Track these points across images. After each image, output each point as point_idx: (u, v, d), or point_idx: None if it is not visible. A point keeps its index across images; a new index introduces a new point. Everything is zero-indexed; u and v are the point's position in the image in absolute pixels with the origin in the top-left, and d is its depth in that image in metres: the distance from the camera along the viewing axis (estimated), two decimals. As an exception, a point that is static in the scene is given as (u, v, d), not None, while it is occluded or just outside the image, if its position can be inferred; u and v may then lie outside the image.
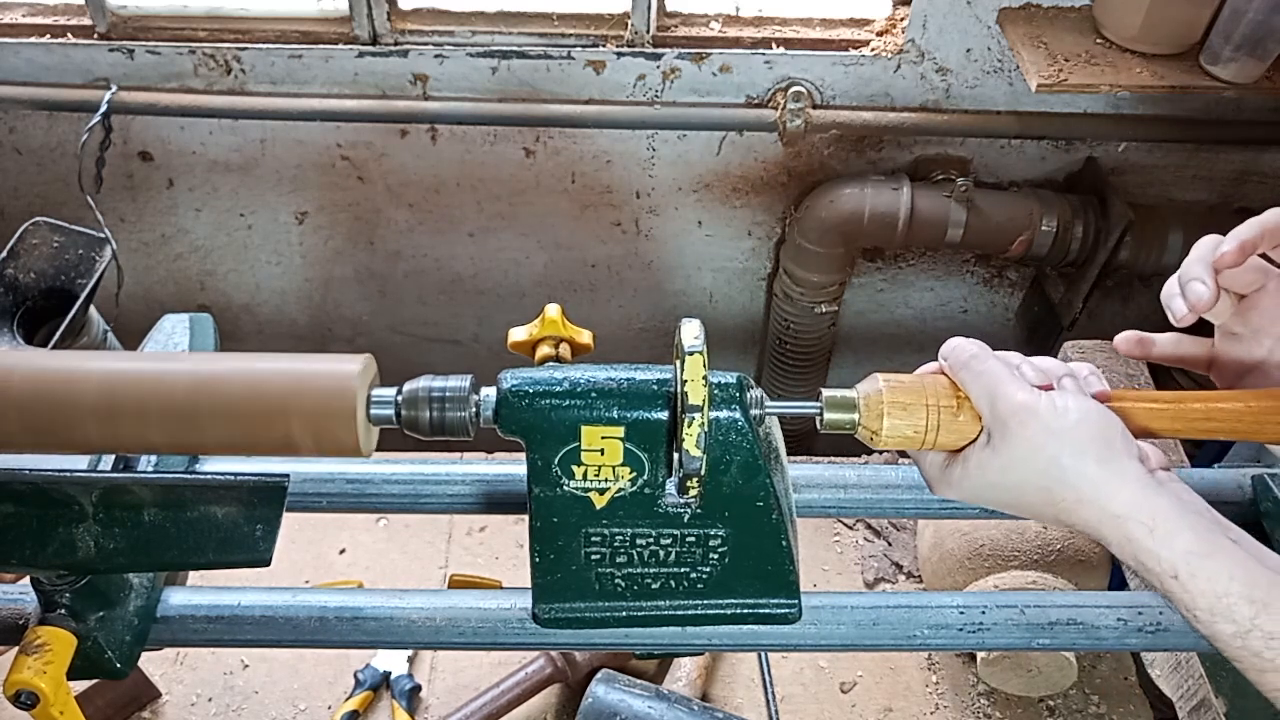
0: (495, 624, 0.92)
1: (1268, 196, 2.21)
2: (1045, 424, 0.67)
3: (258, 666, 1.62)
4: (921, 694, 1.62)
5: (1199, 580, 0.63)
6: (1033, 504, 0.70)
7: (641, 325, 2.53)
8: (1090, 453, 0.67)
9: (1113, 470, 0.67)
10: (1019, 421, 0.68)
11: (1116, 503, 0.66)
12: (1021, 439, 0.68)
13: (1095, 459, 0.67)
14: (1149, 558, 0.65)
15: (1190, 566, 0.63)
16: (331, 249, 2.38)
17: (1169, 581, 0.64)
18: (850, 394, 0.76)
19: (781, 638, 0.91)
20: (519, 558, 1.79)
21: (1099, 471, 0.67)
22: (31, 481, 0.77)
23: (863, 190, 2.08)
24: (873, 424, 0.74)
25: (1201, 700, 1.28)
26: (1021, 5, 1.91)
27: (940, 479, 0.75)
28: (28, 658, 0.81)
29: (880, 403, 0.74)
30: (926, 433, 0.74)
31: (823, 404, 0.76)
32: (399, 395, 0.73)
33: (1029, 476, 0.68)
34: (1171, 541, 0.64)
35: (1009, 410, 0.69)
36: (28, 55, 2.01)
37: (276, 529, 0.78)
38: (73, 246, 1.11)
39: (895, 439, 0.74)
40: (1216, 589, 0.62)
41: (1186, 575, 0.63)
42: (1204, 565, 0.63)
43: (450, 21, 2.01)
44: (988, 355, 0.72)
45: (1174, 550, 0.64)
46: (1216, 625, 0.62)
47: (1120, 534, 0.66)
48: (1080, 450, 0.67)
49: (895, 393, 0.74)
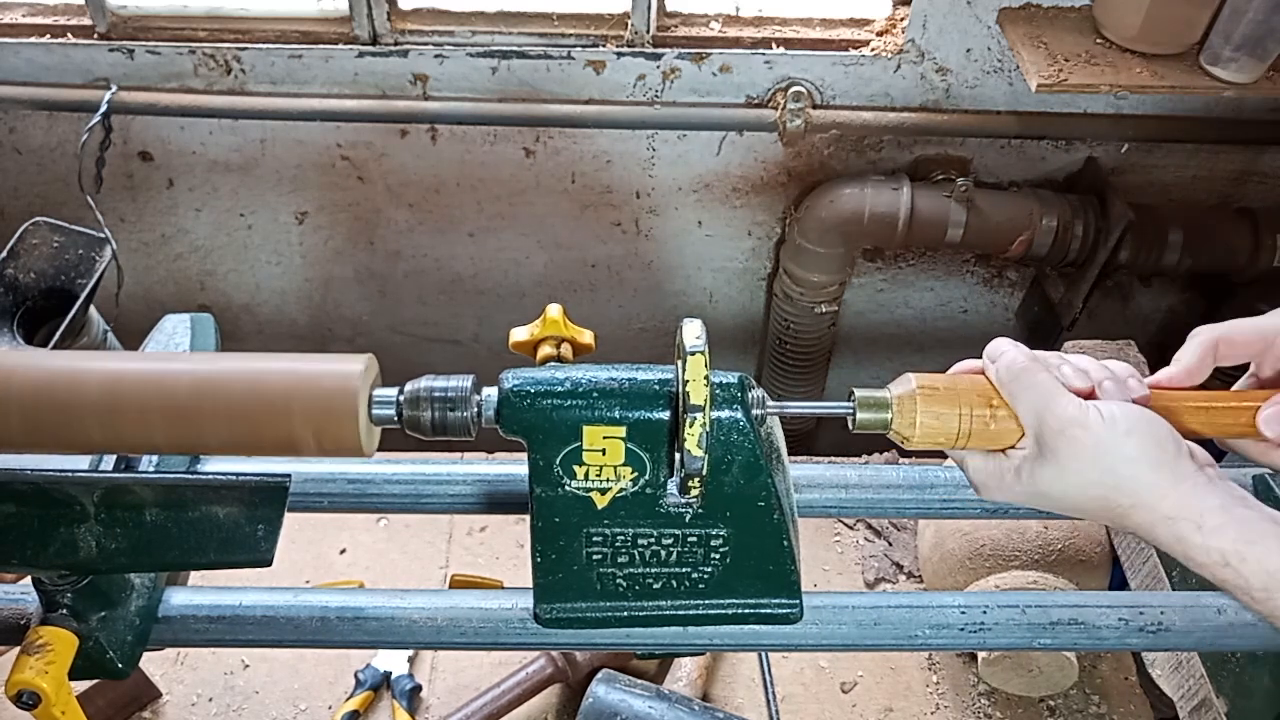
0: (496, 624, 0.92)
1: (1268, 196, 2.21)
2: (1098, 437, 0.69)
3: (258, 666, 1.62)
4: (922, 694, 1.62)
5: (1249, 564, 0.66)
6: (1087, 509, 0.72)
7: (642, 325, 2.53)
8: (1143, 460, 0.69)
9: (1165, 473, 0.69)
10: (1071, 436, 0.70)
11: (1168, 504, 0.68)
12: (1075, 452, 0.70)
13: (1149, 465, 0.69)
14: (1199, 552, 0.67)
15: (1239, 552, 0.66)
16: (331, 249, 2.38)
17: (1221, 570, 0.67)
18: (883, 394, 0.76)
19: (782, 638, 0.91)
20: (520, 558, 1.79)
21: (1152, 476, 0.69)
22: (33, 481, 0.77)
23: (863, 190, 2.08)
24: (905, 426, 0.74)
25: (1202, 700, 1.28)
26: (1021, 5, 1.91)
27: (992, 486, 0.76)
28: (29, 658, 0.82)
29: (914, 404, 0.74)
30: (959, 436, 0.74)
31: (855, 404, 0.75)
32: (400, 395, 0.73)
33: (1084, 486, 0.70)
34: (1220, 534, 0.67)
35: (1060, 424, 0.70)
36: (28, 55, 2.01)
37: (278, 529, 0.78)
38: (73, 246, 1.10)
39: (927, 441, 0.74)
40: (1268, 567, 0.65)
41: (1237, 561, 0.66)
42: (1252, 550, 0.66)
43: (450, 21, 2.01)
44: (1037, 368, 0.73)
45: (1223, 540, 0.66)
46: (1273, 601, 0.65)
47: (1172, 534, 0.68)
48: (1133, 458, 0.69)
49: (929, 394, 0.74)
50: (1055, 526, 1.54)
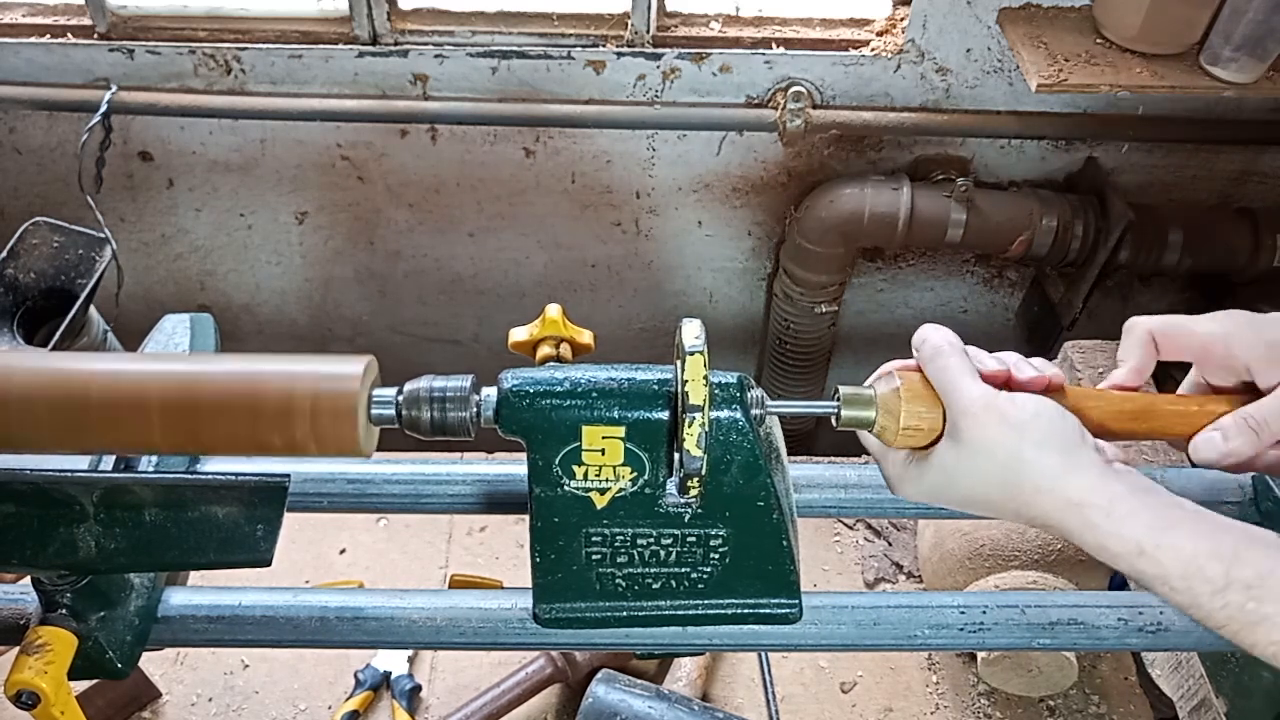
0: (496, 624, 0.92)
1: (1268, 196, 2.21)
2: (1003, 416, 0.68)
3: (258, 666, 1.62)
4: (922, 694, 1.62)
5: (1164, 550, 0.63)
6: (991, 499, 0.70)
7: (641, 325, 2.53)
8: (1050, 444, 0.68)
9: (1071, 459, 0.67)
10: (976, 416, 0.69)
11: (1073, 489, 0.66)
12: (979, 433, 0.69)
13: (1056, 449, 0.68)
14: (1111, 540, 0.65)
15: (1155, 539, 0.64)
16: (331, 249, 2.38)
17: (1138, 560, 0.64)
18: (868, 392, 0.76)
19: (782, 638, 0.91)
20: (519, 558, 1.79)
21: (1058, 461, 0.67)
22: (32, 481, 0.77)
23: (863, 190, 2.08)
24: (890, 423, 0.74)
25: (1202, 700, 1.28)
26: (1021, 5, 1.91)
27: (902, 477, 0.75)
28: (29, 658, 0.81)
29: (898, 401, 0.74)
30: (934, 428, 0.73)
31: (840, 402, 0.76)
32: (400, 395, 0.73)
33: (989, 470, 0.69)
34: (1131, 520, 0.65)
35: (966, 406, 0.69)
36: (28, 55, 2.01)
37: (277, 529, 0.78)
38: (73, 246, 1.10)
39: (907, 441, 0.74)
40: (1183, 555, 0.63)
41: (1152, 548, 0.64)
42: (1166, 536, 0.64)
43: (450, 21, 2.01)
44: (951, 351, 0.72)
45: (1136, 527, 0.64)
46: (1194, 589, 0.62)
47: (1080, 520, 0.66)
48: (1039, 442, 0.68)
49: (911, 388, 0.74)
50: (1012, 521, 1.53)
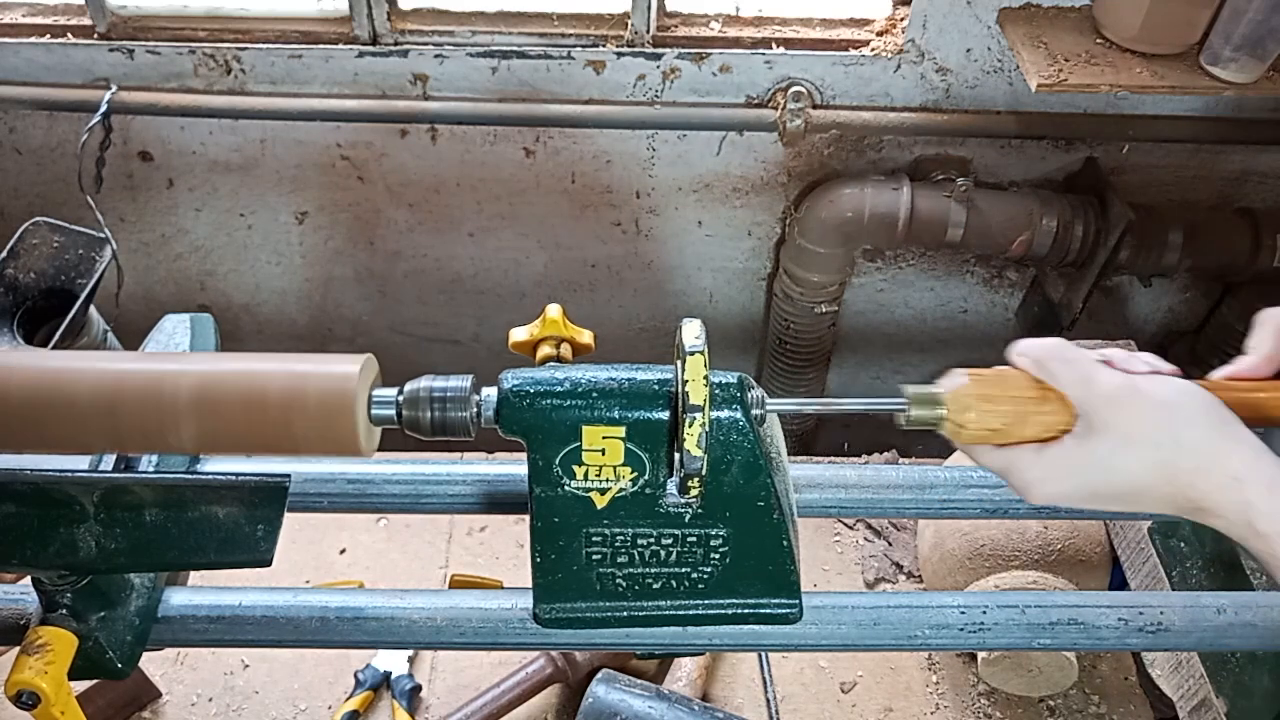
0: (496, 624, 0.92)
1: (1268, 196, 2.21)
2: (1149, 399, 0.67)
3: (258, 666, 1.62)
4: (922, 694, 1.62)
5: None
6: (1148, 484, 0.68)
7: (642, 325, 2.53)
8: (1201, 420, 0.67)
9: (1227, 434, 0.67)
10: (1122, 402, 0.68)
11: (1234, 464, 0.66)
12: (1130, 419, 0.67)
13: (1207, 425, 0.67)
14: (1265, 520, 0.64)
15: None
16: (331, 249, 2.38)
17: None
18: (935, 390, 0.75)
19: (782, 638, 0.91)
20: (519, 558, 1.79)
21: (1215, 436, 0.67)
22: (32, 481, 0.77)
23: (863, 190, 2.08)
24: (960, 419, 0.73)
25: (1202, 700, 1.28)
26: (1021, 5, 1.91)
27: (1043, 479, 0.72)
28: (29, 658, 0.82)
29: (966, 396, 0.73)
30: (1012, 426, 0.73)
31: (909, 401, 0.75)
32: (400, 395, 0.73)
33: (1143, 454, 0.67)
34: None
35: (1110, 392, 0.68)
36: (28, 55, 2.01)
37: (277, 529, 0.78)
38: (73, 246, 1.10)
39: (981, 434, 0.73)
40: None
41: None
42: None
43: (450, 21, 2.01)
44: (1070, 346, 0.72)
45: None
46: None
47: (1239, 498, 0.65)
48: (1191, 419, 0.67)
49: (980, 385, 0.73)
50: (1055, 526, 1.53)
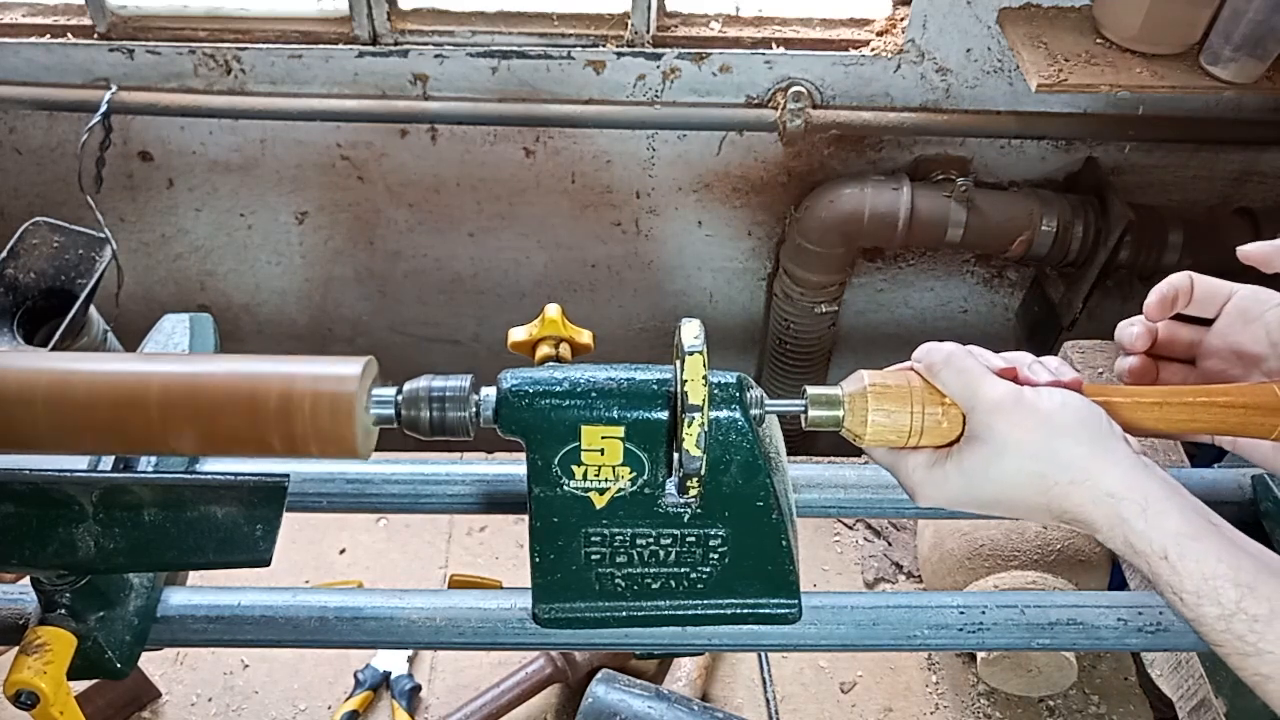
0: (495, 624, 0.92)
1: (1268, 196, 2.21)
2: (1030, 410, 0.68)
3: (258, 666, 1.62)
4: (921, 694, 1.62)
5: (1187, 561, 0.63)
6: (1023, 495, 0.69)
7: (641, 325, 2.53)
8: (1080, 434, 0.67)
9: (1103, 449, 0.67)
10: (1004, 412, 0.68)
11: (1109, 480, 0.66)
12: (1008, 429, 0.68)
13: (1086, 440, 0.67)
14: (1139, 539, 0.65)
15: (1180, 548, 0.63)
16: (331, 249, 2.38)
17: (1158, 563, 0.64)
18: (835, 391, 0.75)
19: (782, 638, 0.91)
20: (519, 558, 1.79)
21: (1090, 451, 0.67)
22: (31, 481, 0.77)
23: (863, 190, 2.08)
24: (857, 423, 0.74)
25: (1202, 700, 1.28)
26: (1021, 5, 1.91)
27: (925, 482, 0.73)
28: (28, 658, 0.81)
29: (865, 401, 0.73)
30: (910, 433, 0.73)
31: (807, 401, 0.75)
32: (399, 395, 0.73)
33: (1019, 464, 0.68)
34: (1162, 522, 0.64)
35: (993, 402, 0.69)
36: (28, 55, 2.01)
37: (276, 529, 0.78)
38: (73, 246, 1.11)
39: (879, 439, 0.74)
40: (1204, 570, 0.62)
41: (1176, 556, 0.63)
42: (1192, 547, 0.63)
43: (450, 21, 2.01)
44: (964, 353, 0.72)
45: (1164, 531, 0.64)
46: (1202, 608, 0.63)
47: (1112, 514, 0.66)
48: (1068, 432, 0.67)
49: (881, 391, 0.73)
50: (1055, 527, 1.53)
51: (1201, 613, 0.63)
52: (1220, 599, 0.62)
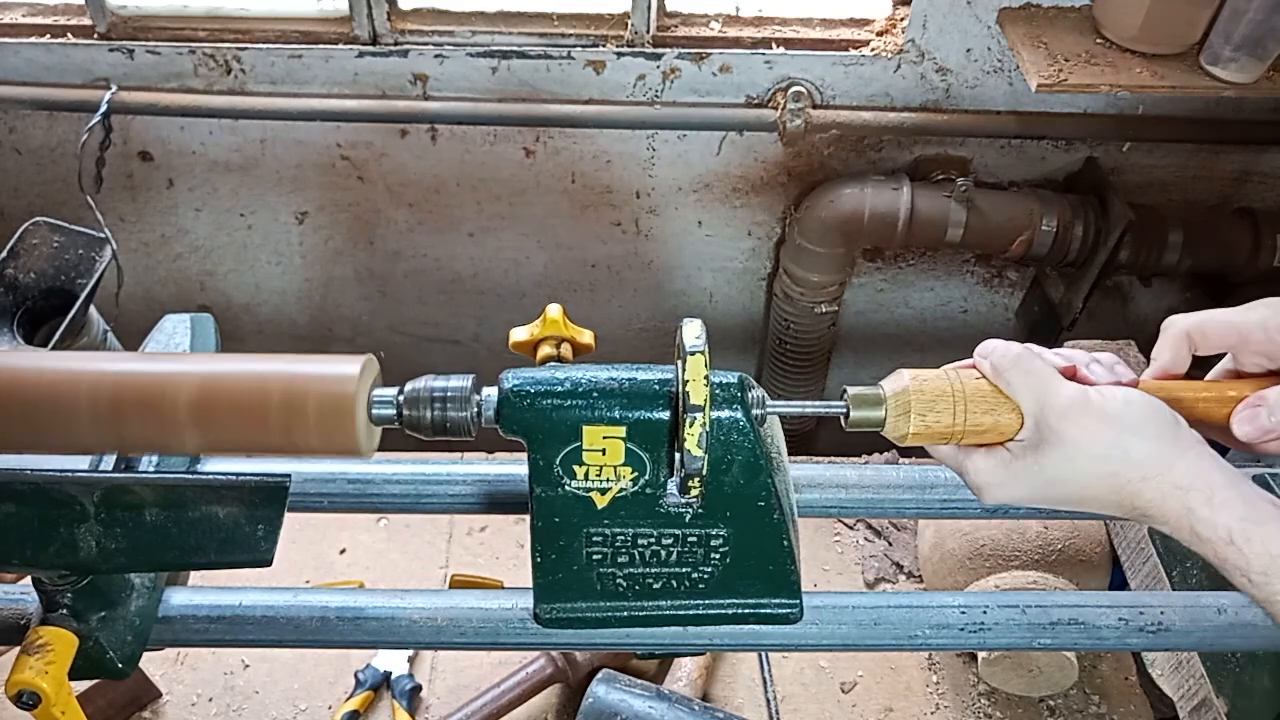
0: (496, 624, 0.92)
1: (1268, 196, 2.21)
2: (1099, 412, 0.70)
3: (258, 666, 1.62)
4: (922, 694, 1.62)
5: (1254, 544, 0.66)
6: (1096, 494, 0.71)
7: (642, 325, 2.53)
8: (1147, 431, 0.69)
9: (1171, 443, 0.70)
10: (1072, 417, 0.70)
11: (1178, 472, 0.68)
12: (1079, 432, 0.70)
13: (1154, 436, 0.69)
14: (1205, 526, 0.67)
15: (1245, 531, 0.66)
16: (331, 249, 2.38)
17: (1224, 548, 0.67)
18: (876, 391, 0.75)
19: (782, 638, 0.91)
20: (520, 558, 1.79)
21: (1158, 448, 0.69)
22: (33, 481, 0.77)
23: (863, 190, 2.08)
24: (900, 423, 0.74)
25: (1202, 700, 1.28)
26: (1021, 5, 1.91)
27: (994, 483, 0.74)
28: (29, 658, 0.81)
29: (908, 400, 0.73)
30: (954, 432, 0.73)
31: (848, 402, 0.75)
32: (400, 395, 0.73)
33: (1091, 465, 0.70)
34: (1228, 509, 0.67)
35: (1062, 406, 0.70)
36: (28, 55, 2.01)
37: (278, 529, 0.78)
38: (73, 246, 1.10)
39: (923, 438, 0.74)
40: (1271, 550, 0.65)
41: (1242, 540, 0.66)
42: (1258, 530, 0.66)
43: (450, 21, 2.01)
44: (1033, 355, 0.74)
45: (1230, 515, 0.67)
46: (1271, 585, 0.66)
47: (1181, 506, 0.68)
48: (1136, 430, 0.69)
49: (923, 389, 0.73)
50: (1055, 526, 1.54)
51: (1271, 590, 0.66)
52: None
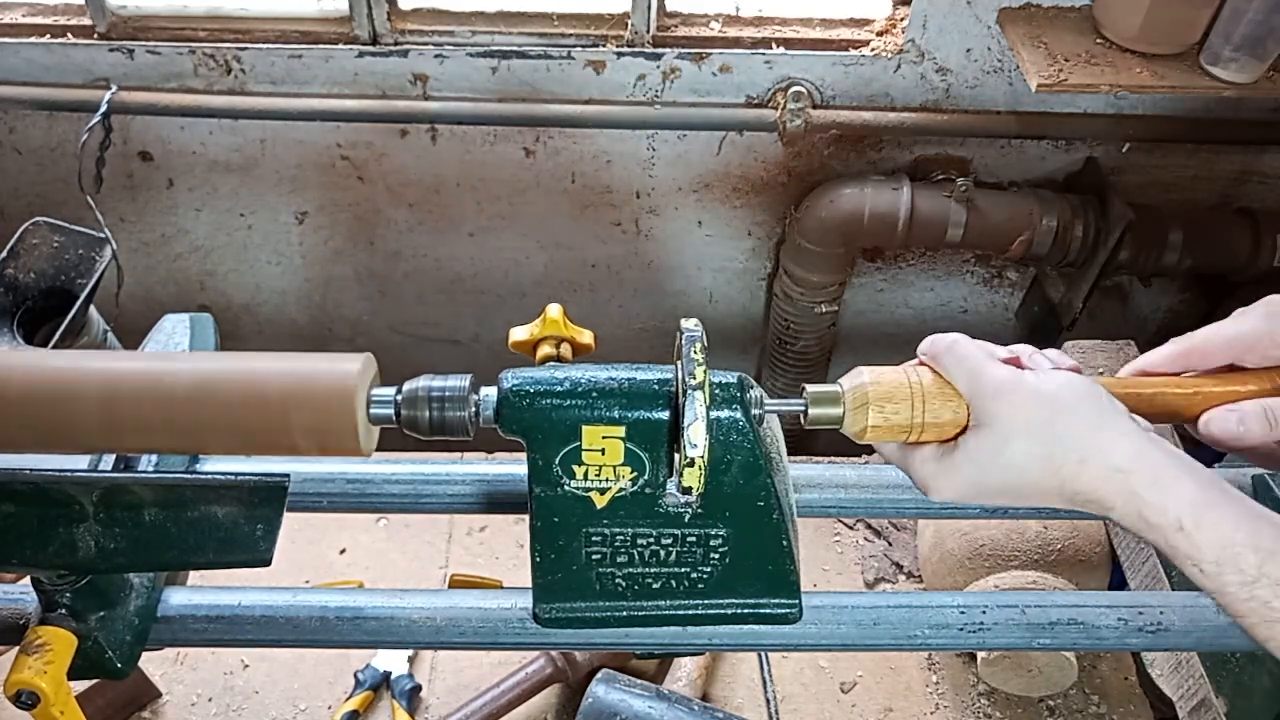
0: (496, 624, 0.92)
1: (1268, 196, 2.21)
2: (1032, 391, 0.68)
3: (258, 666, 1.62)
4: (922, 694, 1.62)
5: (1205, 530, 0.62)
6: (1034, 479, 0.68)
7: (641, 325, 2.53)
8: (1081, 412, 0.67)
9: (1107, 426, 0.67)
10: (1005, 396, 0.68)
11: (1117, 454, 0.65)
12: (1012, 412, 0.68)
13: (1088, 418, 0.67)
14: (1153, 511, 0.64)
15: (1196, 516, 0.62)
16: (331, 249, 2.38)
17: (1174, 535, 0.63)
18: (835, 388, 0.75)
19: (782, 638, 0.91)
20: (519, 558, 1.79)
21: (1094, 428, 0.67)
22: (32, 481, 0.77)
23: (863, 190, 2.08)
24: (858, 416, 0.74)
25: (1202, 700, 1.28)
26: (1021, 5, 1.91)
27: (935, 474, 0.73)
28: (28, 657, 0.82)
29: (865, 394, 0.73)
30: (911, 430, 0.73)
31: (807, 400, 0.75)
32: (399, 395, 0.73)
33: (1026, 447, 0.68)
34: (1176, 491, 0.63)
35: (994, 387, 0.69)
36: (28, 55, 2.01)
37: (277, 529, 0.78)
38: (73, 246, 1.10)
39: (883, 430, 0.74)
40: (1222, 538, 0.62)
41: (1192, 525, 0.62)
42: (1209, 514, 0.62)
43: (450, 21, 2.01)
44: (967, 341, 0.73)
45: (1179, 500, 0.63)
46: (1224, 576, 0.62)
47: (1124, 489, 0.65)
48: (1071, 410, 0.67)
49: (880, 382, 0.74)
50: (1055, 526, 1.54)
51: (1223, 582, 0.62)
52: (1241, 565, 0.61)
